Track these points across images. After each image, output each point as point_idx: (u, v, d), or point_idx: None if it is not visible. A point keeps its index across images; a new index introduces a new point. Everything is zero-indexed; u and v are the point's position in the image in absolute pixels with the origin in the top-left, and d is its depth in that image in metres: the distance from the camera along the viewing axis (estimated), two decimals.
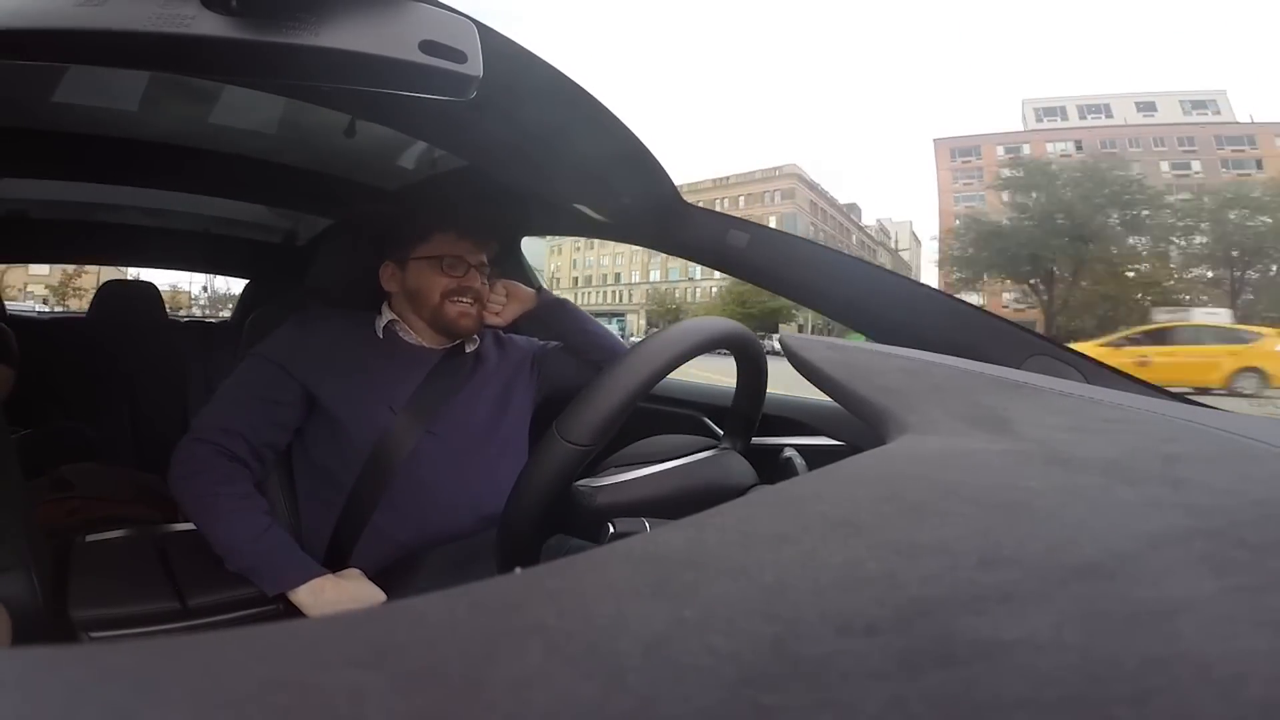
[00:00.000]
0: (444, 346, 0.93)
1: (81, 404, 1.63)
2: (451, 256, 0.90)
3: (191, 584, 0.77)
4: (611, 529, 0.51)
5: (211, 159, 1.21)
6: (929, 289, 0.85)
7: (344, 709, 0.10)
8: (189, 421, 0.84)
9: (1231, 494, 0.20)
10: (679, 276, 33.17)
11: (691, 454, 0.62)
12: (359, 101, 0.83)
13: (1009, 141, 28.89)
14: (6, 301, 1.83)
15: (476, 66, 0.50)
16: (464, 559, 0.81)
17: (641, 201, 0.91)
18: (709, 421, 1.12)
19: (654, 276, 34.68)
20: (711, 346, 0.56)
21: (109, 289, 1.85)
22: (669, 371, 0.52)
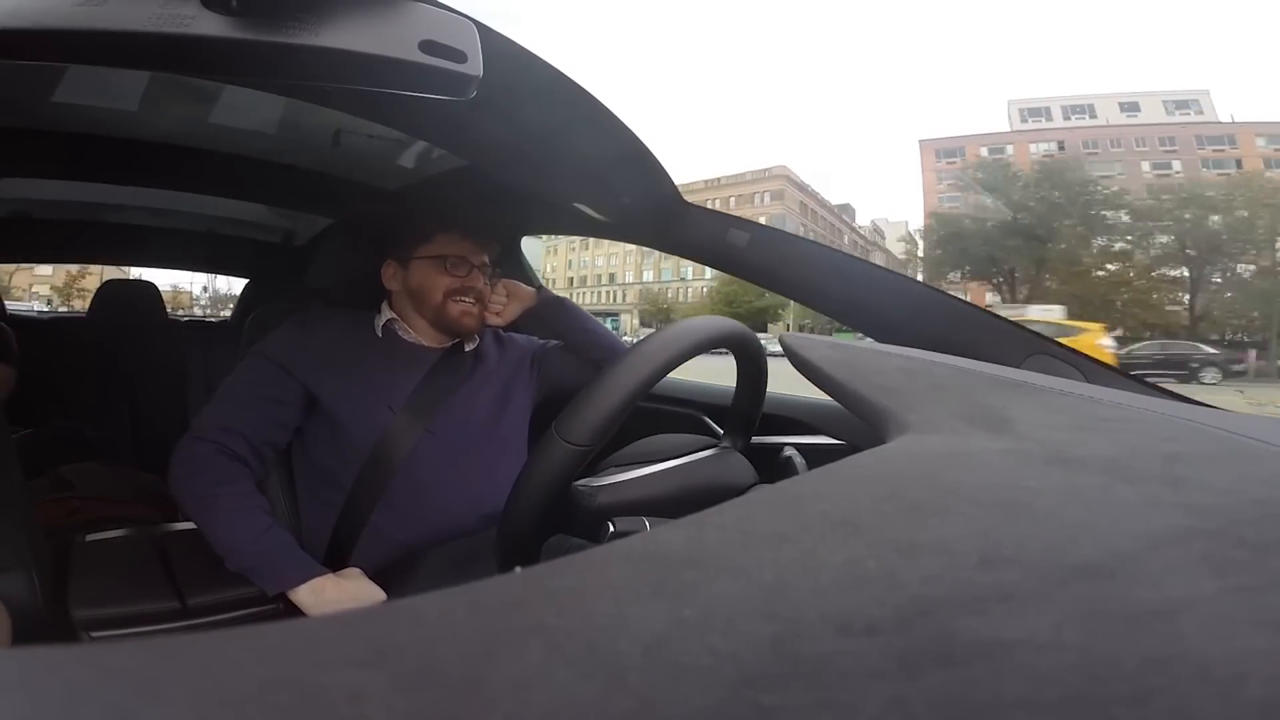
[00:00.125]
0: (443, 345, 0.93)
1: (81, 404, 1.63)
2: (454, 256, 0.90)
3: (191, 584, 0.77)
4: (611, 528, 0.51)
5: (211, 159, 1.21)
6: (929, 289, 0.85)
7: (344, 709, 0.10)
8: (189, 421, 0.84)
9: (1231, 494, 0.20)
10: (671, 276, 33.35)
11: (691, 453, 0.62)
12: (359, 101, 0.83)
13: (992, 143, 28.99)
14: (13, 302, 1.84)
15: (476, 66, 0.50)
16: (464, 559, 0.81)
17: (641, 201, 0.91)
18: (709, 421, 1.12)
19: (647, 277, 34.79)
20: (711, 346, 0.56)
21: (109, 289, 1.85)
22: (668, 371, 0.52)
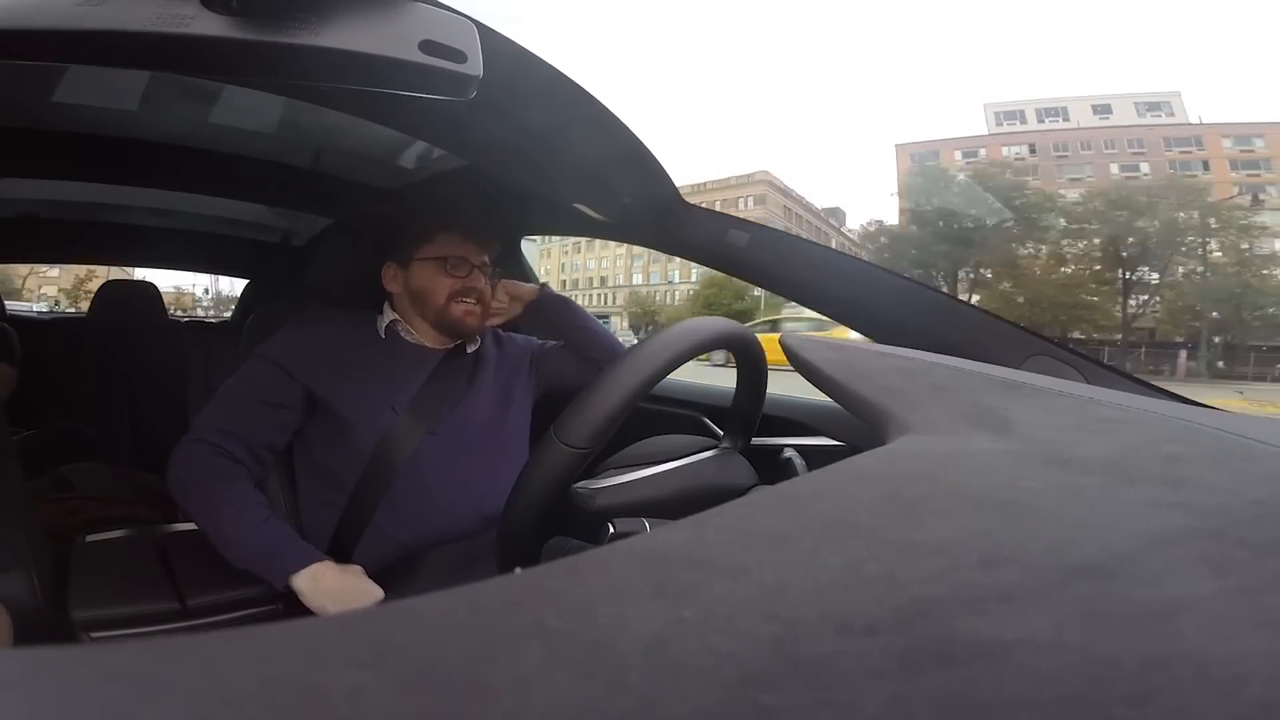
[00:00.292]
0: (445, 347, 0.93)
1: (81, 404, 1.63)
2: (455, 257, 0.90)
3: (191, 584, 0.77)
4: (611, 529, 0.51)
5: (212, 159, 1.21)
6: (929, 289, 0.85)
7: (344, 709, 0.10)
8: (189, 421, 0.84)
9: (1231, 494, 0.20)
10: (659, 280, 33.62)
11: (691, 454, 0.62)
12: (359, 101, 0.83)
13: (966, 146, 29.12)
14: (19, 303, 1.84)
15: (476, 66, 0.50)
16: (465, 559, 0.81)
17: (641, 201, 0.91)
18: (709, 421, 1.12)
19: (636, 280, 35.04)
20: (711, 347, 0.56)
21: (109, 289, 1.85)
22: (667, 373, 0.52)
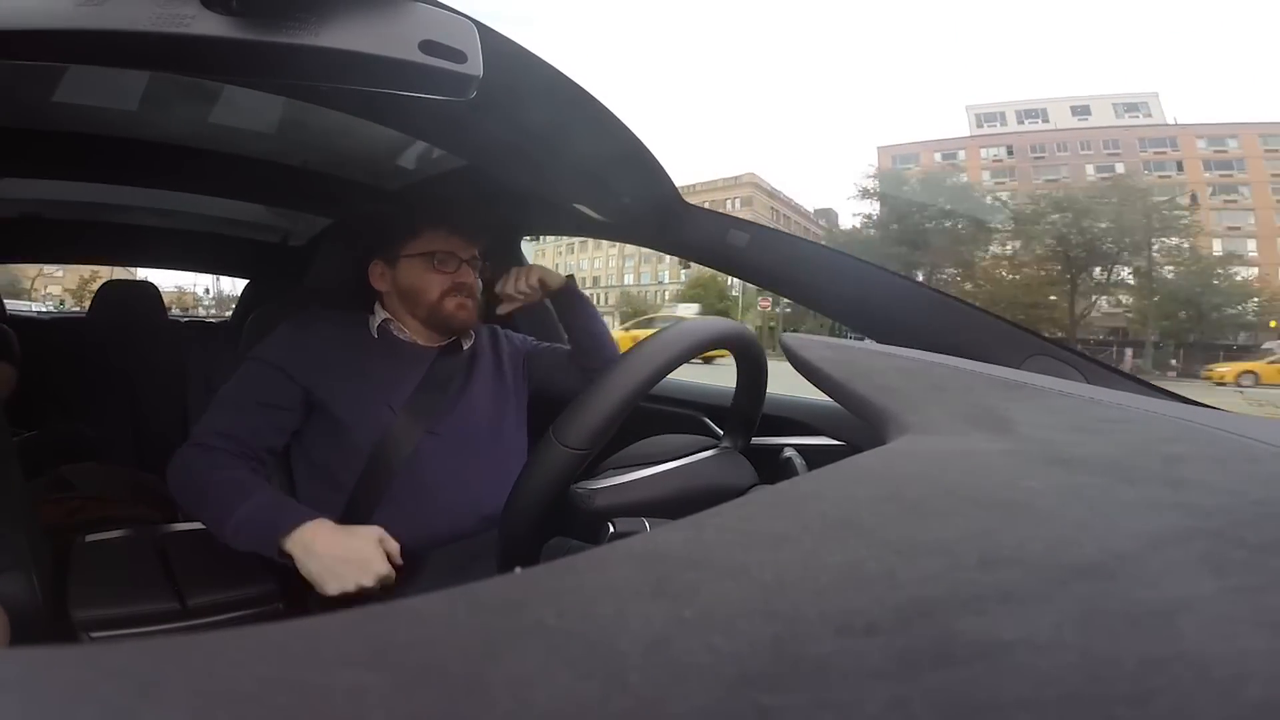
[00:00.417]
0: (439, 344, 0.93)
1: (81, 404, 1.63)
2: (442, 253, 0.89)
3: (191, 584, 0.77)
4: (611, 529, 0.51)
5: (211, 159, 1.21)
6: (929, 289, 0.85)
7: (344, 709, 0.10)
8: (189, 421, 0.84)
9: (1231, 494, 0.20)
10: (650, 280, 33.98)
11: (691, 454, 0.62)
12: (359, 101, 0.83)
13: (946, 148, 29.44)
14: (22, 303, 1.84)
15: (476, 66, 0.50)
16: (465, 559, 0.80)
17: (641, 201, 0.91)
18: (709, 421, 1.12)
19: (628, 280, 35.36)
20: (711, 347, 0.56)
21: (109, 289, 1.85)
22: (666, 373, 0.52)
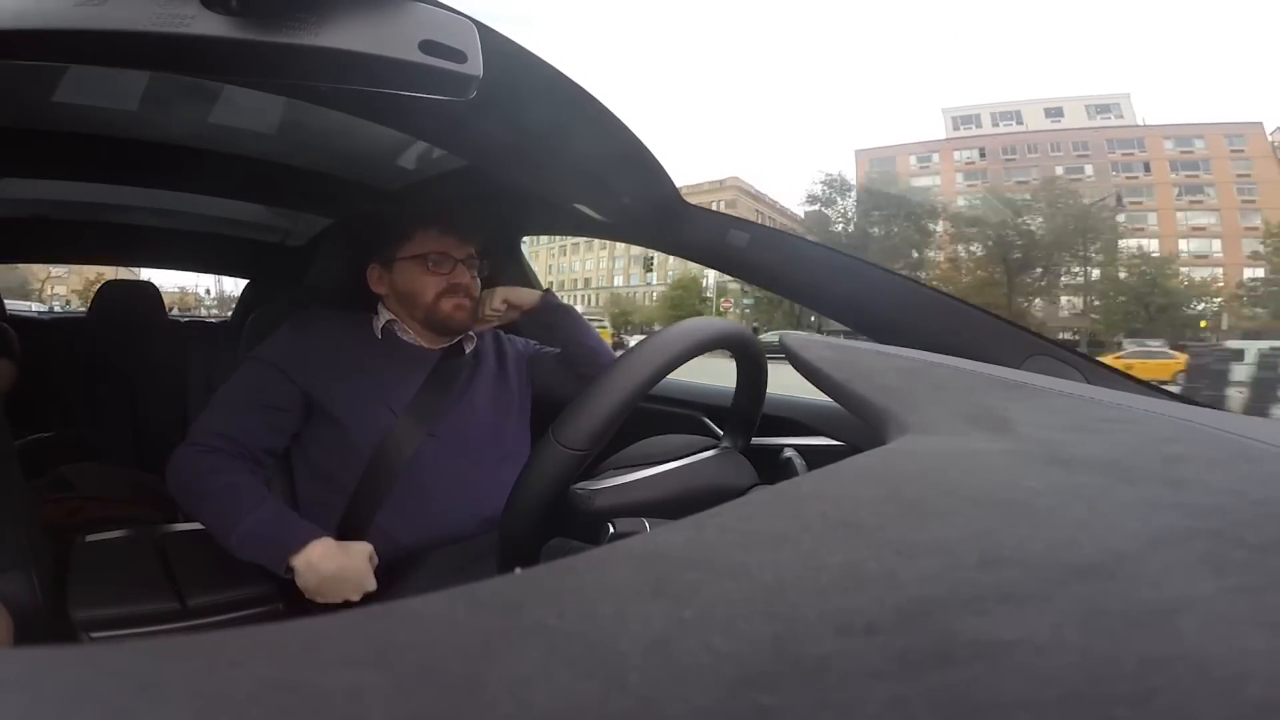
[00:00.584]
0: (441, 346, 0.93)
1: (82, 404, 1.63)
2: (436, 254, 0.89)
3: (191, 584, 0.77)
4: (611, 529, 0.51)
5: (211, 159, 1.21)
6: (929, 289, 0.85)
7: (344, 709, 0.10)
8: (189, 421, 0.84)
9: (1231, 494, 0.20)
10: (638, 282, 34.22)
11: (691, 454, 0.62)
12: (359, 101, 0.83)
13: (920, 151, 29.86)
14: (22, 302, 1.84)
15: (476, 66, 0.50)
16: (465, 560, 0.80)
17: (641, 201, 0.91)
18: (709, 421, 1.12)
19: (618, 281, 35.47)
20: (710, 347, 0.56)
21: (109, 289, 1.85)
22: (665, 375, 0.52)
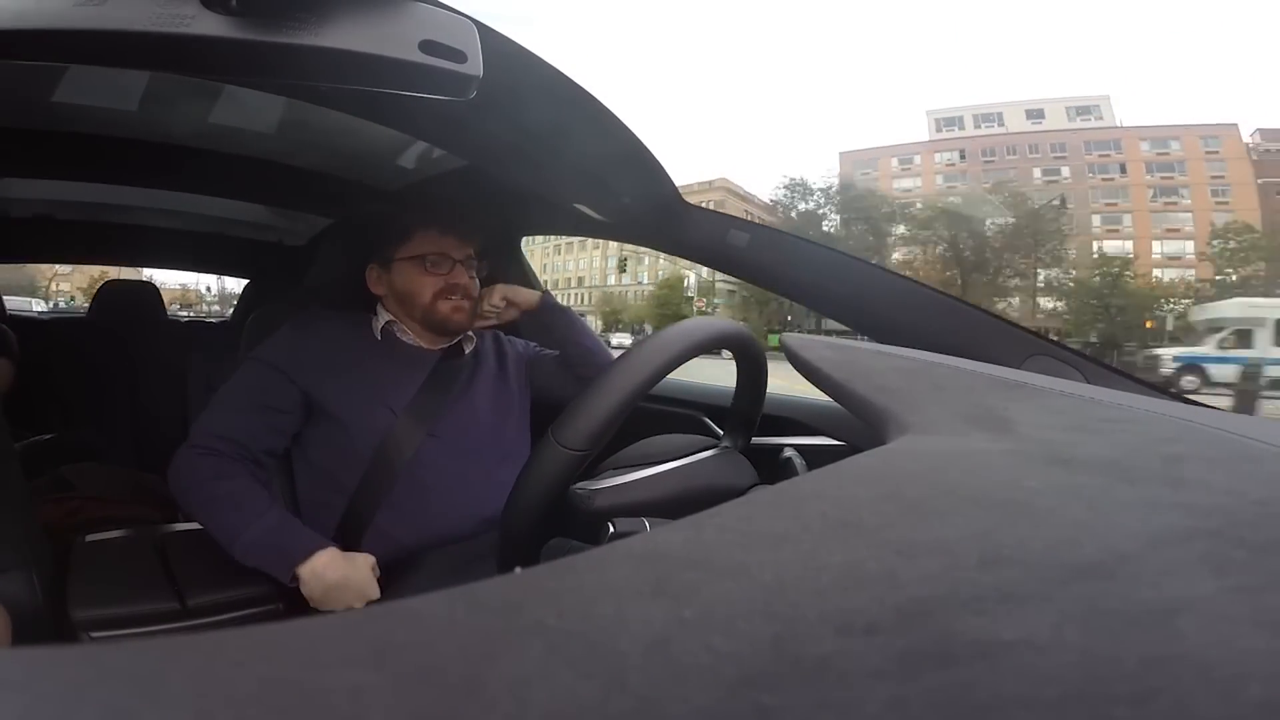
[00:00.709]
0: (440, 346, 0.93)
1: (81, 404, 1.63)
2: (435, 254, 0.89)
3: (191, 584, 0.77)
4: (611, 529, 0.51)
5: (211, 159, 1.21)
6: (929, 289, 0.85)
7: (344, 709, 0.10)
8: (189, 421, 0.84)
9: (1231, 494, 0.20)
10: (630, 281, 34.72)
11: (691, 454, 0.62)
12: (359, 101, 0.83)
13: (902, 153, 30.18)
14: (32, 303, 1.84)
15: (476, 66, 0.50)
16: (465, 560, 0.80)
17: (641, 201, 0.91)
18: (709, 421, 1.12)
19: (610, 281, 35.72)
20: (710, 347, 0.56)
21: (109, 289, 1.85)
22: (665, 375, 0.52)
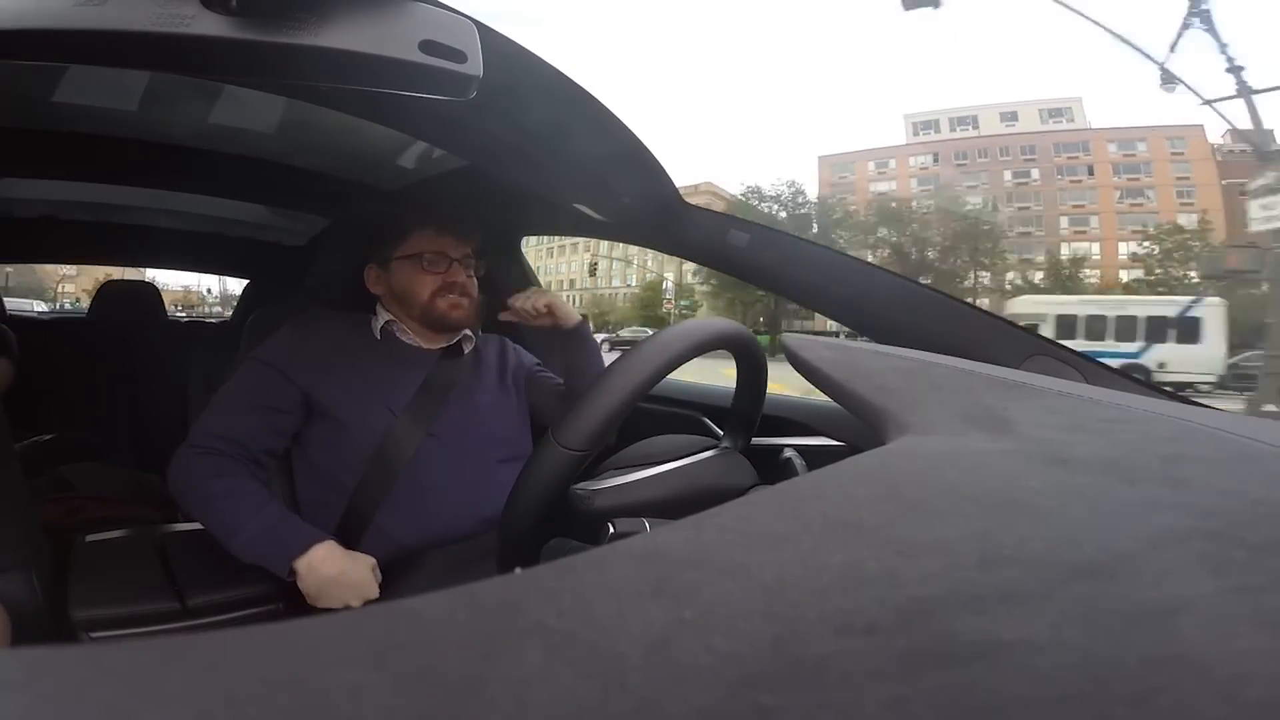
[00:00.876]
0: (439, 346, 0.93)
1: (82, 404, 1.63)
2: (432, 253, 0.89)
3: (191, 584, 0.77)
4: (611, 529, 0.51)
5: (211, 159, 1.21)
6: (929, 289, 0.85)
7: (344, 709, 0.10)
8: (189, 421, 0.84)
9: (1231, 494, 0.20)
10: (619, 284, 35.23)
11: (691, 455, 0.62)
12: (359, 101, 0.83)
13: (878, 157, 30.57)
14: (21, 301, 1.84)
15: (476, 66, 0.50)
16: (464, 560, 0.80)
17: (641, 201, 0.91)
18: (709, 421, 1.12)
19: (601, 283, 35.97)
20: (710, 348, 0.56)
21: (109, 289, 1.85)
22: (665, 375, 0.52)
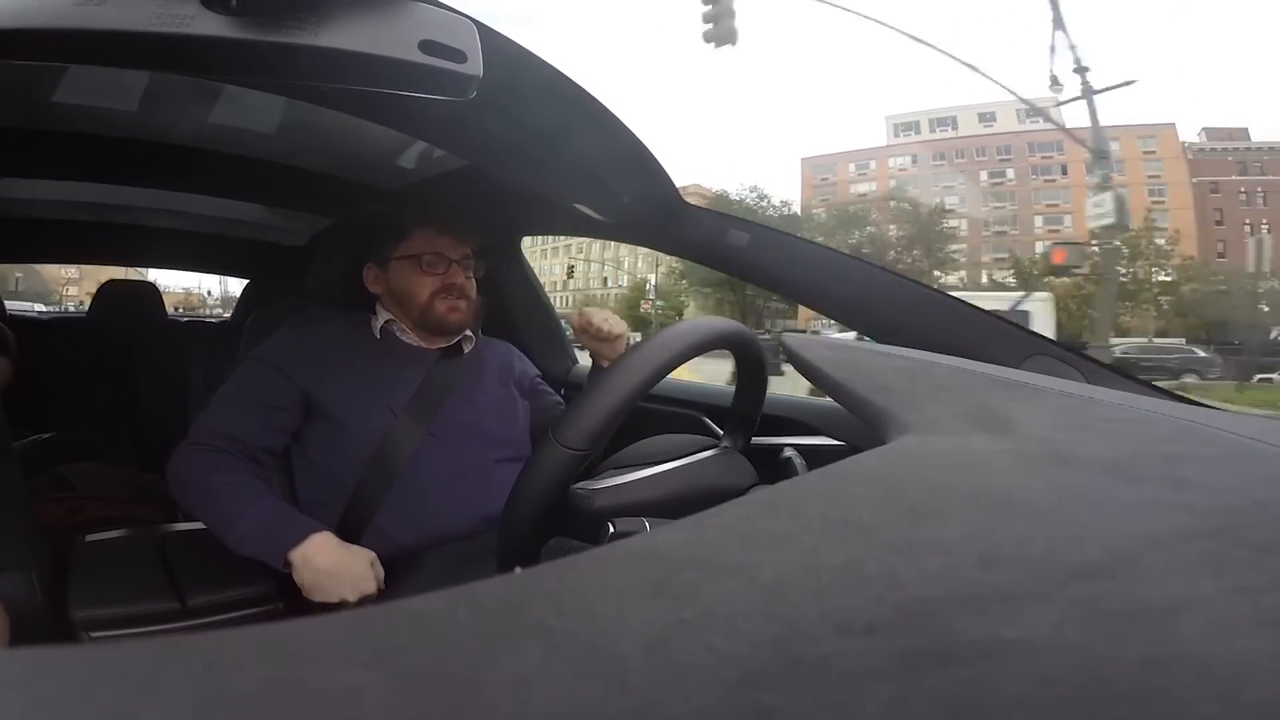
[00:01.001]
0: (439, 345, 0.93)
1: (81, 404, 1.63)
2: (431, 254, 0.89)
3: (191, 584, 0.77)
4: (611, 529, 0.51)
5: (211, 159, 1.20)
6: (929, 289, 0.85)
7: (344, 709, 0.10)
8: (189, 420, 0.84)
9: (1232, 494, 0.20)
10: (612, 284, 35.55)
11: (691, 454, 0.62)
12: (359, 101, 0.82)
13: (859, 159, 30.83)
14: (21, 303, 1.84)
15: (476, 66, 0.50)
16: (464, 560, 0.80)
17: (641, 201, 0.91)
18: (709, 421, 1.12)
19: (593, 284, 36.40)
20: (710, 347, 0.56)
21: (109, 289, 1.85)
22: (665, 375, 0.52)
